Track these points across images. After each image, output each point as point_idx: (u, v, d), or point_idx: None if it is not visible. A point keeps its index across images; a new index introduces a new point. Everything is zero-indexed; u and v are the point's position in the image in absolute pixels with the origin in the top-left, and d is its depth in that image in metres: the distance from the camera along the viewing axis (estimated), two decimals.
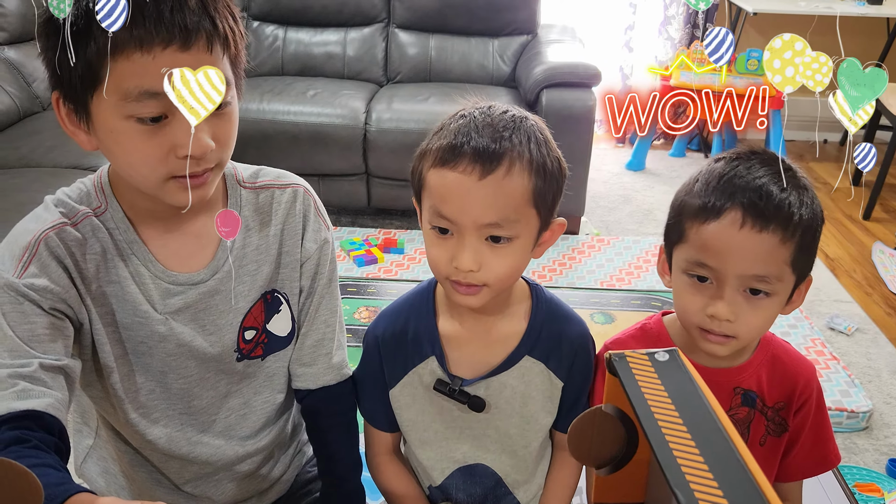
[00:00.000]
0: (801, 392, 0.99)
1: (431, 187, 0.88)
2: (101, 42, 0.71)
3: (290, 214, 0.96)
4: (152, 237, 0.88)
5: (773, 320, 0.93)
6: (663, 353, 0.56)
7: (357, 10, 3.16)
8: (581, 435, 0.58)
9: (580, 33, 3.31)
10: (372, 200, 2.88)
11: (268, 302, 0.96)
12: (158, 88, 0.68)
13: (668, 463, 0.45)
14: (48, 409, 0.76)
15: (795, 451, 1.01)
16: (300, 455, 1.12)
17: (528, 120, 0.89)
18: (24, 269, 0.80)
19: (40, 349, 0.79)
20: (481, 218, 0.85)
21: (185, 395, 0.94)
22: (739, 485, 0.44)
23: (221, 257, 0.91)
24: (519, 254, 0.88)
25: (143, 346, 0.89)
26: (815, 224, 0.89)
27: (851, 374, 2.04)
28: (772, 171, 0.88)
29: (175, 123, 0.76)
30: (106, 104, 0.75)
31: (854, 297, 2.51)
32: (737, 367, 0.98)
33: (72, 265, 0.83)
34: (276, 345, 0.98)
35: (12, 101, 2.52)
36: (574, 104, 2.66)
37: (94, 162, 2.18)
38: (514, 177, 0.85)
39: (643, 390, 0.52)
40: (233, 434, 0.99)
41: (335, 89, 2.89)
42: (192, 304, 0.90)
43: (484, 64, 3.14)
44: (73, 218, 0.84)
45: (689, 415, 0.50)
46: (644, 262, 2.67)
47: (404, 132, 2.68)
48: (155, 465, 0.97)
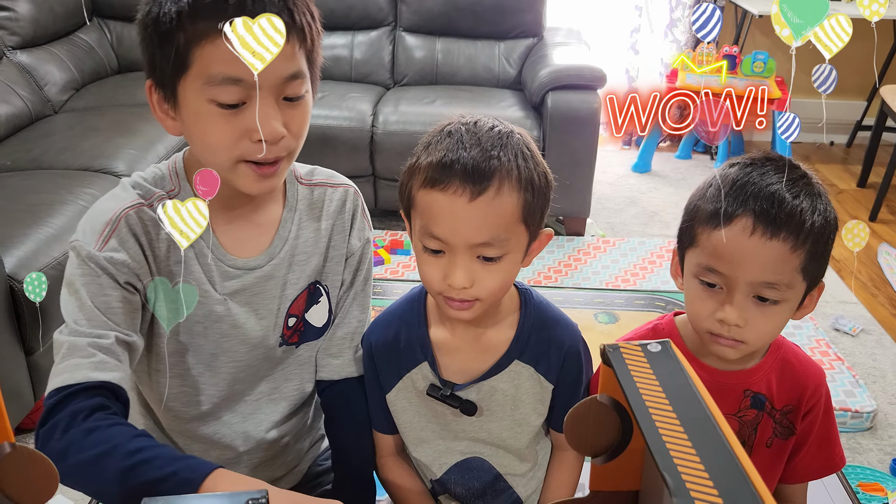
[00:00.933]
0: (809, 397, 0.99)
1: (421, 207, 0.88)
2: (190, 31, 0.78)
3: (340, 212, 1.01)
4: (218, 222, 0.94)
5: (783, 326, 0.93)
6: (656, 344, 0.58)
7: (364, 14, 3.19)
8: (577, 424, 0.60)
9: (586, 36, 3.33)
10: (378, 202, 2.91)
11: (310, 292, 1.01)
12: (239, 75, 0.78)
13: (658, 448, 0.47)
14: (121, 382, 0.83)
15: (802, 454, 1.02)
16: (315, 447, 1.15)
17: (514, 135, 0.90)
18: (104, 243, 0.86)
19: (114, 321, 0.85)
20: (472, 238, 0.86)
21: (230, 380, 0.98)
22: (726, 468, 0.46)
23: (277, 245, 0.97)
24: (509, 268, 0.90)
25: (199, 327, 0.94)
26: (827, 231, 0.89)
27: (856, 375, 2.05)
28: (789, 178, 0.88)
29: (252, 110, 0.81)
30: (192, 88, 0.81)
31: (859, 298, 2.51)
32: (747, 370, 0.99)
33: (146, 243, 0.89)
34: (310, 334, 1.03)
35: (25, 104, 2.55)
36: (579, 106, 2.68)
37: (104, 164, 2.21)
38: (504, 196, 0.85)
39: (636, 380, 0.54)
40: (260, 418, 1.02)
41: (342, 92, 2.92)
42: (248, 287, 0.95)
43: (490, 66, 3.16)
44: (149, 199, 0.90)
45: (681, 405, 0.52)
46: (649, 263, 2.68)
47: (411, 134, 2.70)
48: (180, 448, 1.01)
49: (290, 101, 0.85)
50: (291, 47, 0.82)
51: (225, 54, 0.76)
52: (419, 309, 1.01)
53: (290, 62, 0.83)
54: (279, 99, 0.84)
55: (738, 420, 1.00)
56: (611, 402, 0.60)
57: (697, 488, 0.45)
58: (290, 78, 0.83)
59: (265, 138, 0.82)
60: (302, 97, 0.86)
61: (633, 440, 0.61)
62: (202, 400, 0.98)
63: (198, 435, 1.00)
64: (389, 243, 2.75)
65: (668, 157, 3.71)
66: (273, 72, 0.81)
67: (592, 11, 3.69)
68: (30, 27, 2.68)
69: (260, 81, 0.80)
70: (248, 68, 0.75)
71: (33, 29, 2.69)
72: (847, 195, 3.36)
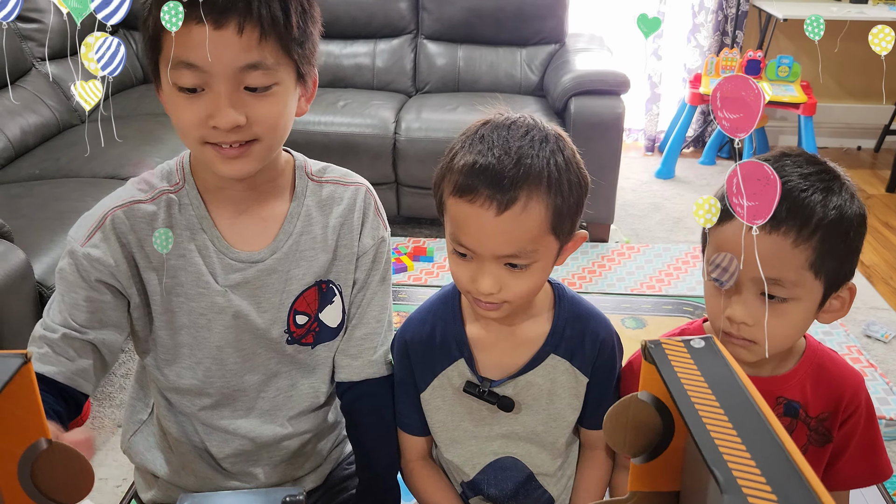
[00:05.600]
0: (848, 403, 0.96)
1: (451, 214, 0.88)
2: (156, 17, 0.79)
3: (350, 210, 1.01)
4: (222, 216, 0.95)
5: (799, 328, 0.90)
6: (699, 339, 0.56)
7: (386, 22, 3.20)
8: (617, 423, 0.59)
9: (608, 42, 3.31)
10: (401, 209, 2.91)
11: (322, 291, 1.00)
12: (192, 60, 0.81)
13: (706, 444, 0.45)
14: (57, 376, 0.87)
15: (843, 460, 0.98)
16: (338, 449, 1.14)
17: (549, 138, 0.88)
18: (87, 239, 0.90)
19: (75, 318, 0.89)
20: (498, 250, 0.85)
21: (238, 371, 0.99)
22: (777, 463, 0.44)
23: (282, 239, 0.97)
24: (538, 274, 0.89)
25: (203, 319, 0.95)
26: (843, 226, 0.85)
27: (889, 382, 2.00)
28: (801, 173, 0.85)
29: (207, 96, 0.84)
30: (163, 72, 0.84)
31: (891, 304, 2.46)
32: (781, 375, 0.96)
33: (134, 241, 0.91)
34: (326, 335, 1.02)
35: (53, 114, 2.59)
36: (603, 112, 2.66)
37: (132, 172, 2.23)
38: (532, 210, 0.84)
39: (680, 377, 0.52)
40: (277, 413, 1.02)
41: (365, 100, 2.93)
42: (250, 281, 0.96)
43: (512, 73, 3.15)
44: (151, 193, 0.93)
45: (727, 400, 0.50)
46: (675, 269, 2.65)
47: (433, 141, 2.70)
48: (201, 437, 1.02)
49: (252, 92, 0.85)
50: (248, 38, 0.82)
51: (181, 40, 0.81)
52: (454, 305, 1.00)
53: (247, 52, 0.82)
54: (239, 88, 0.84)
55: None
56: (651, 399, 0.58)
57: (749, 483, 0.43)
58: (247, 67, 0.83)
59: (218, 124, 0.83)
60: (268, 88, 0.85)
61: (674, 439, 0.60)
62: (213, 392, 0.99)
63: (216, 425, 1.01)
64: (412, 250, 2.75)
65: (692, 163, 3.68)
66: (226, 61, 0.82)
67: (614, 17, 3.67)
68: (57, 39, 2.71)
69: (215, 69, 0.82)
70: (200, 53, 0.81)
71: (61, 40, 2.72)
72: (876, 200, 3.31)
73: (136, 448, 1.06)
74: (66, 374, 0.88)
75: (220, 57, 0.81)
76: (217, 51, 0.80)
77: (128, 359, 2.12)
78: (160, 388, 1.01)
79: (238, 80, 0.84)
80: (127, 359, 2.12)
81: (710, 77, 3.43)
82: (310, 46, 0.90)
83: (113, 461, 1.76)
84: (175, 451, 1.03)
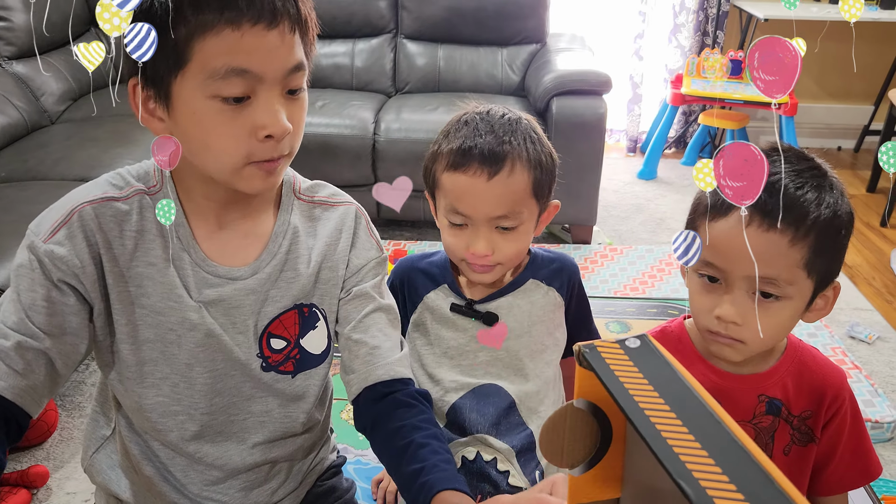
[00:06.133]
0: (831, 402, 0.94)
1: (446, 188, 1.04)
2: (193, 22, 0.73)
3: (338, 231, 0.96)
4: (201, 226, 0.89)
5: (786, 326, 0.89)
6: (634, 339, 0.53)
7: (365, 21, 3.15)
8: (553, 434, 0.55)
9: (589, 42, 3.29)
10: (381, 211, 2.86)
11: (304, 316, 0.94)
12: (245, 66, 0.75)
13: (666, 454, 0.41)
14: (4, 392, 0.77)
15: (835, 463, 0.97)
16: (318, 467, 1.08)
17: (522, 120, 1.06)
18: (51, 235, 0.81)
19: (34, 321, 0.80)
20: (492, 212, 1.02)
21: (208, 392, 0.92)
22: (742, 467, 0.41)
23: (265, 259, 0.91)
24: (524, 236, 1.06)
25: (173, 335, 0.88)
26: (836, 225, 0.84)
27: (874, 384, 1.99)
28: (794, 169, 0.84)
29: (257, 104, 0.77)
30: (190, 86, 0.76)
31: (874, 304, 2.46)
32: (762, 373, 0.94)
33: (101, 242, 0.83)
34: (308, 362, 0.96)
35: (20, 114, 2.51)
36: (585, 112, 2.63)
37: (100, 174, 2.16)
38: (517, 175, 1.01)
39: (621, 380, 0.48)
40: (245, 440, 0.96)
41: (344, 100, 2.88)
42: (226, 299, 0.89)
43: (493, 73, 3.12)
44: (126, 190, 0.86)
45: (674, 399, 0.46)
46: (658, 271, 2.63)
47: (414, 142, 2.66)
48: (162, 461, 0.95)
49: (291, 95, 0.81)
50: (295, 39, 0.78)
51: (230, 45, 0.74)
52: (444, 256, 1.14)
53: (295, 54, 0.79)
54: (283, 92, 0.80)
55: (754, 427, 0.95)
56: (589, 406, 0.54)
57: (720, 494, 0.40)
58: (294, 69, 0.79)
59: (274, 133, 0.78)
60: (303, 89, 0.83)
61: (611, 446, 0.56)
62: (179, 412, 0.91)
63: (182, 450, 0.94)
64: (393, 253, 2.70)
65: (674, 164, 3.66)
66: (278, 63, 0.77)
67: (595, 17, 3.65)
68: (26, 37, 2.64)
69: (265, 74, 0.76)
70: (253, 58, 0.75)
71: (29, 39, 2.65)
72: (857, 200, 3.31)
73: (97, 466, 0.99)
74: (15, 391, 0.78)
75: (275, 59, 0.76)
76: (271, 52, 0.75)
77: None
78: (123, 406, 0.94)
79: (284, 84, 0.79)
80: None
81: (692, 77, 3.42)
82: (315, 45, 0.86)
83: (82, 474, 1.69)
84: (138, 472, 0.96)
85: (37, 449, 1.76)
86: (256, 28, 0.74)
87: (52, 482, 1.67)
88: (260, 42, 0.74)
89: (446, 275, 1.13)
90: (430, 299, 1.12)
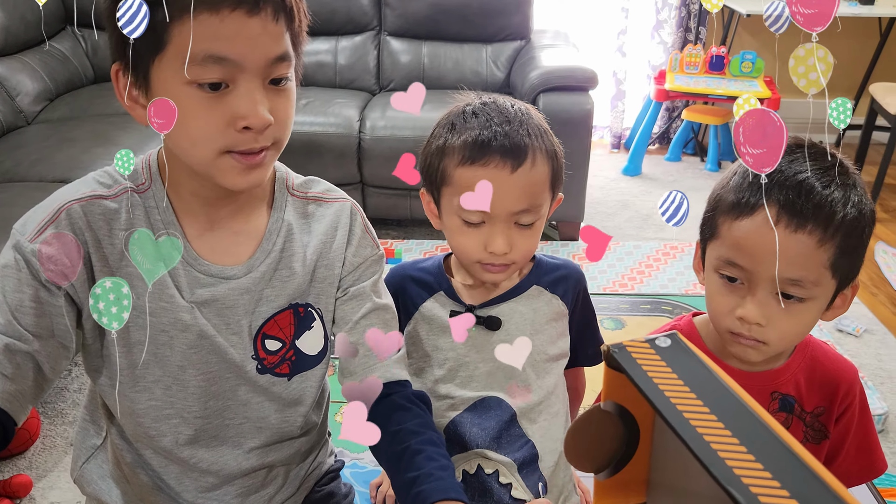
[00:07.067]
0: (843, 396, 0.93)
1: (461, 183, 0.95)
2: (171, 5, 0.69)
3: (333, 228, 0.93)
4: (191, 225, 0.86)
5: (810, 327, 0.87)
6: (664, 338, 0.50)
7: (348, 19, 3.12)
8: (579, 438, 0.53)
9: (573, 38, 3.28)
10: (367, 210, 2.82)
11: (300, 316, 0.91)
12: (223, 52, 0.72)
13: (710, 458, 0.39)
14: None
15: (841, 459, 0.96)
16: (316, 471, 1.06)
17: (531, 111, 1.00)
18: (38, 234, 0.78)
19: (22, 322, 0.77)
20: (514, 207, 0.95)
21: (202, 395, 0.89)
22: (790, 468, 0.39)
23: (259, 257, 0.88)
24: (539, 232, 1.00)
25: (164, 336, 0.85)
26: (861, 225, 0.82)
27: (864, 377, 2.00)
28: (818, 167, 0.81)
29: (236, 92, 0.74)
30: (168, 70, 0.73)
31: (860, 298, 2.47)
32: (774, 370, 0.93)
33: (90, 240, 0.81)
34: (304, 363, 0.93)
35: None
36: (571, 108, 2.62)
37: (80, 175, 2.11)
38: (538, 166, 0.96)
39: (655, 380, 0.46)
40: (241, 444, 0.93)
41: (327, 98, 2.84)
42: (219, 299, 0.86)
43: (478, 70, 3.10)
44: (114, 189, 0.83)
45: (712, 399, 0.44)
46: (646, 266, 2.62)
47: (400, 140, 2.63)
48: (155, 469, 0.92)
49: (275, 85, 0.78)
50: (279, 28, 0.75)
51: (208, 30, 0.71)
52: (437, 261, 1.09)
53: (279, 43, 0.76)
54: (265, 82, 0.77)
55: None
56: (616, 409, 0.52)
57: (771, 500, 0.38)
58: (277, 60, 0.76)
59: (252, 125, 0.75)
60: (289, 80, 0.80)
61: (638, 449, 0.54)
62: (172, 414, 0.88)
63: (175, 456, 0.91)
64: None
65: (658, 160, 3.67)
66: (260, 52, 0.74)
67: (579, 14, 3.65)
68: (0, 35, 2.57)
69: (248, 62, 0.73)
70: (232, 45, 0.72)
71: (4, 37, 2.58)
72: None
73: (88, 477, 0.96)
74: (4, 396, 0.76)
75: (256, 47, 0.73)
76: (252, 40, 0.72)
77: (81, 372, 2.00)
78: (113, 413, 0.91)
79: (266, 74, 0.76)
80: (80, 372, 2.00)
81: (675, 73, 3.42)
82: (304, 37, 0.83)
83: (66, 483, 1.65)
84: (131, 482, 0.93)
85: (19, 458, 1.71)
86: (236, 14, 0.72)
87: (36, 492, 1.62)
88: (240, 29, 0.72)
89: (442, 281, 1.06)
90: (426, 309, 1.05)
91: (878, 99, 3.05)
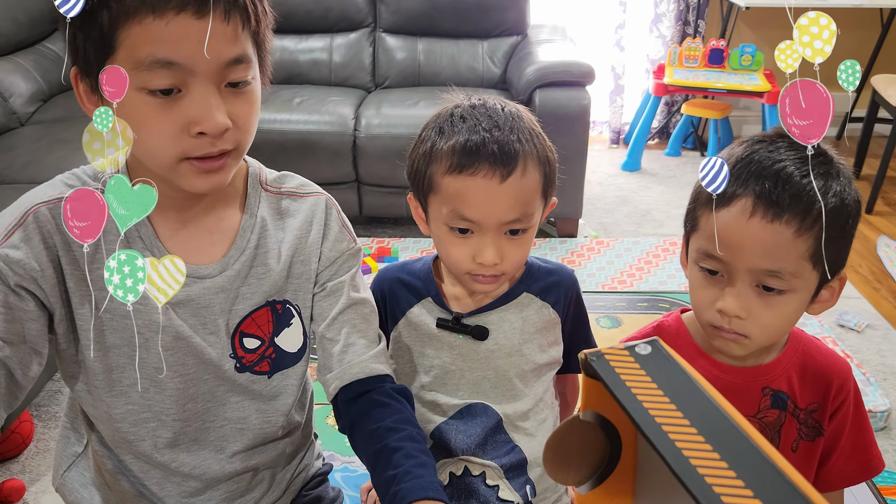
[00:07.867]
0: (836, 393, 0.91)
1: (448, 192, 0.91)
2: (115, 8, 0.67)
3: (308, 223, 0.91)
4: (163, 225, 0.84)
5: (792, 320, 0.85)
6: (644, 345, 0.48)
7: (342, 16, 3.09)
8: (558, 450, 0.50)
9: (570, 33, 3.25)
10: (363, 209, 2.81)
11: (278, 313, 0.90)
12: (171, 57, 0.69)
13: (684, 469, 0.37)
14: None
15: (835, 458, 0.93)
16: (302, 474, 1.04)
17: (522, 113, 0.95)
18: (5, 238, 0.76)
19: None
20: (504, 217, 0.91)
21: (179, 397, 0.87)
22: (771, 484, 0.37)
23: (233, 255, 0.87)
24: (529, 241, 0.97)
25: (140, 338, 0.83)
26: (843, 214, 0.80)
27: (866, 372, 1.97)
28: (799, 156, 0.80)
29: (189, 98, 0.72)
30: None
31: (862, 292, 2.45)
32: (764, 365, 0.91)
33: (60, 244, 0.79)
34: (284, 361, 0.92)
35: None
36: (568, 104, 2.59)
37: None
38: (529, 174, 0.91)
39: (633, 390, 0.44)
40: (224, 447, 0.91)
41: (322, 96, 2.82)
42: (194, 299, 0.85)
43: (474, 66, 3.07)
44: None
45: (692, 410, 0.42)
46: (645, 263, 2.60)
47: (395, 138, 2.61)
48: (136, 476, 0.90)
49: (234, 88, 0.76)
50: (234, 28, 0.73)
51: (153, 34, 0.68)
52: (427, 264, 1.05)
53: (233, 45, 0.73)
54: (221, 86, 0.74)
55: (759, 422, 0.92)
56: (596, 418, 0.50)
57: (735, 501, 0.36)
58: (233, 62, 0.74)
59: (207, 130, 0.73)
60: (248, 83, 0.77)
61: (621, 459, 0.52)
62: (150, 418, 0.87)
63: (155, 461, 0.89)
64: (376, 251, 2.65)
65: (657, 155, 3.64)
66: (212, 56, 0.71)
67: (576, 8, 3.62)
68: None
69: (199, 66, 0.71)
70: (180, 49, 0.69)
71: None
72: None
73: (69, 485, 0.94)
74: None
75: (208, 52, 0.69)
76: (201, 43, 0.69)
77: None
78: (92, 419, 0.89)
79: (222, 77, 0.73)
80: None
81: (674, 67, 3.39)
82: (268, 36, 0.80)
83: None
84: (113, 489, 0.92)
85: (12, 462, 1.70)
86: (182, 16, 0.69)
87: (29, 496, 1.61)
88: (186, 31, 0.69)
89: (430, 286, 1.02)
90: (413, 315, 1.02)
91: (880, 91, 3.02)
